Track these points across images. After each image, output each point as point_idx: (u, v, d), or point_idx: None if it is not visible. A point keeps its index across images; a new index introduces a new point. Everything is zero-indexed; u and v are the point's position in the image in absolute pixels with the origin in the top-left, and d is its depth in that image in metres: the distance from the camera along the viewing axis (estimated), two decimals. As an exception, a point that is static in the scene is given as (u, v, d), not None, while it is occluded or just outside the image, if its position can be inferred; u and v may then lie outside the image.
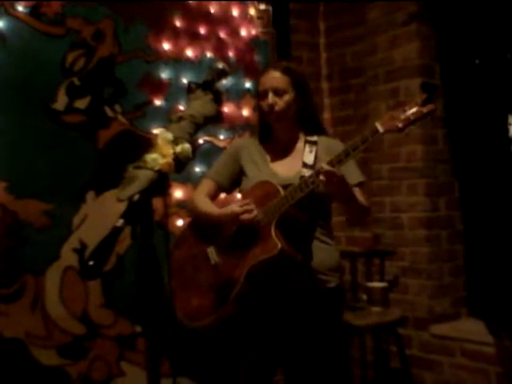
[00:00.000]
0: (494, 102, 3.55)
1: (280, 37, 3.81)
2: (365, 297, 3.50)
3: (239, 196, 2.45)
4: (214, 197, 2.39)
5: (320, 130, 2.34)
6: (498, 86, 3.51)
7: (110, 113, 3.13)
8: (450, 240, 3.62)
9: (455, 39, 3.61)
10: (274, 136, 2.34)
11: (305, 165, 2.22)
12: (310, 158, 2.23)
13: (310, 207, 2.15)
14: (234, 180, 2.37)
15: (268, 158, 2.32)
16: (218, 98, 1.93)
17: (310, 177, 2.06)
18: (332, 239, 2.30)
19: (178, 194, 3.24)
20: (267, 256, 2.08)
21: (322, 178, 1.99)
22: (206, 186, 2.38)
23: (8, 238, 2.85)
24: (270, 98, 2.22)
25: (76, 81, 3.05)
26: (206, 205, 2.32)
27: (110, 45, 3.14)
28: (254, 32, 3.66)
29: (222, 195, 2.51)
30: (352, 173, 2.22)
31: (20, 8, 2.90)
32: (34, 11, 2.93)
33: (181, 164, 1.66)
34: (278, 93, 2.23)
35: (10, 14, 2.87)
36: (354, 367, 3.76)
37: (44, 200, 2.91)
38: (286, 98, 2.23)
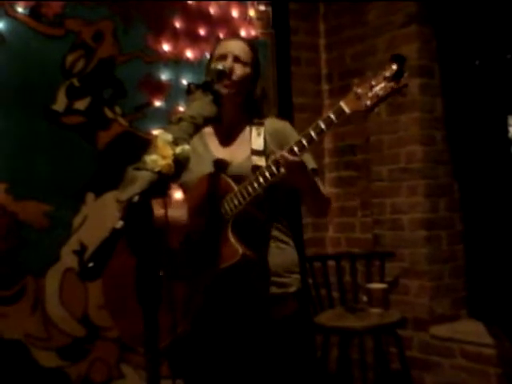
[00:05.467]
0: (494, 102, 3.55)
1: (280, 38, 3.80)
2: (365, 298, 3.49)
3: (179, 192, 2.17)
4: None
5: (259, 114, 2.07)
6: (498, 87, 3.52)
7: (109, 114, 3.12)
8: (449, 241, 3.62)
9: (455, 40, 3.61)
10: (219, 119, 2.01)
11: (254, 151, 1.94)
12: (259, 143, 1.96)
13: (266, 202, 1.91)
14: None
15: (210, 145, 2.05)
16: (218, 100, 1.91)
17: (268, 168, 1.79)
18: (290, 238, 2.04)
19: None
20: (227, 264, 1.82)
21: (282, 170, 1.76)
22: None
23: (8, 239, 2.84)
24: (230, 61, 1.97)
25: (76, 82, 3.04)
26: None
27: (110, 46, 3.14)
28: (253, 33, 3.66)
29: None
30: (306, 159, 1.87)
31: (19, 9, 2.89)
32: (34, 12, 2.92)
33: (181, 165, 1.65)
34: (240, 61, 1.99)
35: (9, 14, 2.86)
36: (353, 369, 3.76)
37: (44, 201, 2.91)
38: (246, 70, 2.00)
